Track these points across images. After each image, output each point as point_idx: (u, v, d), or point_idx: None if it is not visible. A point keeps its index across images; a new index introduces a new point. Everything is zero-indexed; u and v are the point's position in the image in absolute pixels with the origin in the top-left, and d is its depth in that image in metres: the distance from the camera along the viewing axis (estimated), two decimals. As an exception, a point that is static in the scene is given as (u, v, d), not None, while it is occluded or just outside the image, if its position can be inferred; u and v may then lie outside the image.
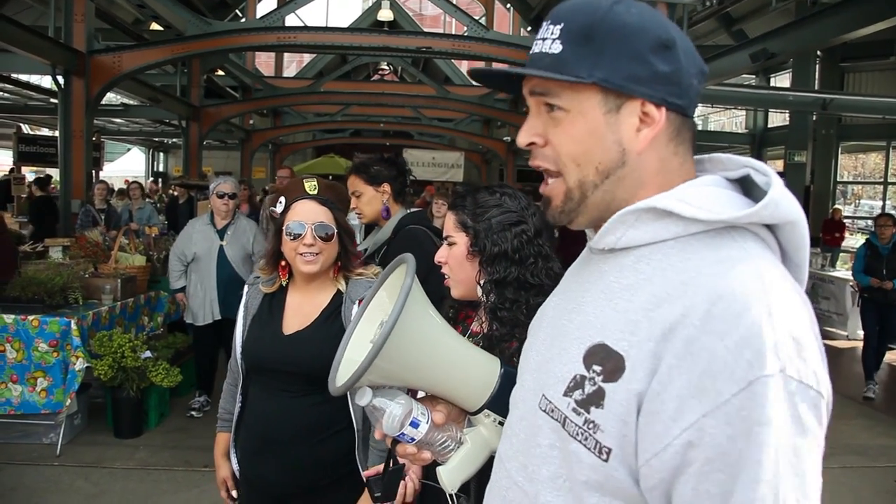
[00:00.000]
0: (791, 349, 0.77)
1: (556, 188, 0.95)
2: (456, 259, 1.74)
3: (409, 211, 3.07)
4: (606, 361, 0.85)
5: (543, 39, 0.93)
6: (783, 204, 0.86)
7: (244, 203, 7.78)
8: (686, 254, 0.87)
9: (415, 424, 1.16)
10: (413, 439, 1.17)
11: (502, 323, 1.62)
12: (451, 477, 1.21)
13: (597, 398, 0.85)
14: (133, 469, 4.48)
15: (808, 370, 0.77)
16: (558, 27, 0.91)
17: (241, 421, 2.21)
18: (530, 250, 1.68)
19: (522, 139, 0.97)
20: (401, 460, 1.32)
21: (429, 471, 1.36)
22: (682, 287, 0.83)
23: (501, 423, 1.18)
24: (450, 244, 1.76)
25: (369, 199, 3.02)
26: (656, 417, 0.79)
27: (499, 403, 1.19)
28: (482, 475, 1.21)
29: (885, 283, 6.75)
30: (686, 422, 0.77)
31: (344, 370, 1.20)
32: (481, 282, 1.69)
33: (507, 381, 1.19)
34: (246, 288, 2.31)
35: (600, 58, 0.88)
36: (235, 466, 2.24)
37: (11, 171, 15.37)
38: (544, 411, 0.94)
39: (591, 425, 0.85)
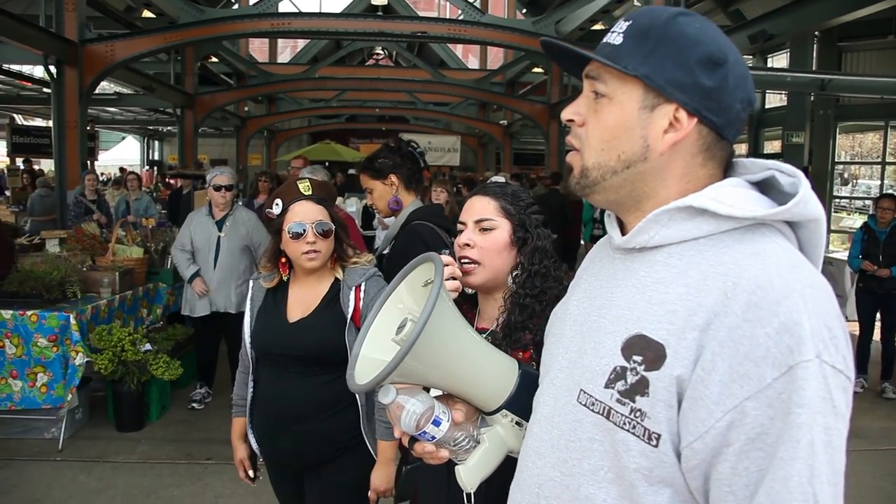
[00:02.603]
0: (826, 336, 0.82)
1: (576, 161, 1.03)
2: (495, 244, 1.71)
3: (421, 205, 2.98)
4: (646, 351, 0.90)
5: (612, 32, 1.00)
6: (811, 203, 0.92)
7: (263, 194, 7.77)
8: (719, 248, 0.92)
9: (437, 423, 1.16)
10: (433, 437, 1.18)
11: (523, 309, 1.66)
12: (470, 476, 1.21)
13: (641, 387, 0.89)
14: (136, 463, 4.48)
15: (839, 356, 0.83)
16: (627, 24, 0.99)
17: (255, 404, 2.39)
18: (552, 249, 1.77)
19: (566, 114, 1.04)
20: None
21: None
22: (721, 277, 0.88)
23: (518, 424, 1.21)
24: (485, 229, 1.72)
25: (380, 194, 2.94)
26: (700, 402, 0.84)
27: (516, 403, 1.20)
28: (493, 475, 1.23)
29: (879, 271, 6.25)
30: (728, 405, 0.82)
31: (362, 367, 1.20)
32: (515, 272, 1.71)
33: (525, 381, 1.21)
34: (251, 283, 2.46)
35: (650, 57, 0.95)
36: (255, 446, 2.42)
37: (29, 163, 15.24)
38: (584, 405, 0.97)
39: (637, 413, 0.89)
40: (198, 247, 5.26)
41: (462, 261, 1.70)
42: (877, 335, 6.57)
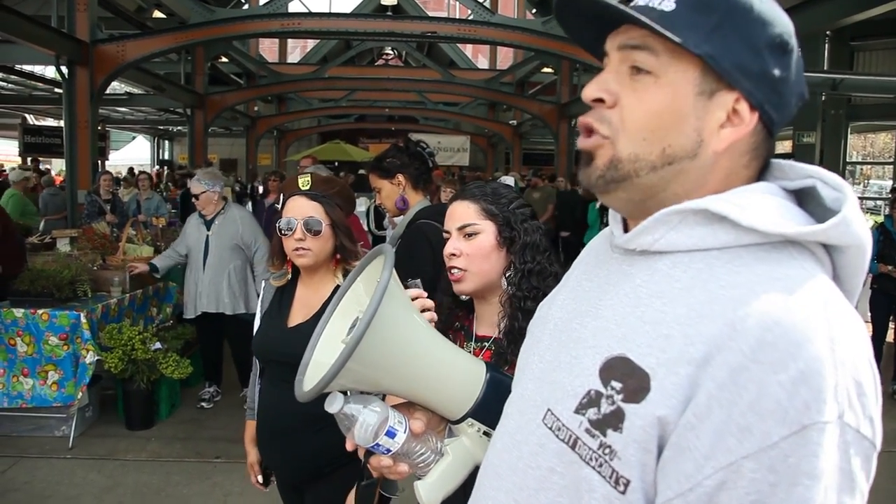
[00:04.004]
0: (852, 392, 0.68)
1: (603, 148, 0.83)
2: (482, 249, 1.64)
3: (428, 204, 2.99)
4: (628, 378, 0.75)
5: None
6: (853, 225, 0.75)
7: (273, 193, 7.84)
8: (735, 266, 0.76)
9: (391, 434, 1.06)
10: (389, 450, 1.07)
11: (526, 314, 1.56)
12: (430, 493, 1.10)
13: (615, 420, 0.75)
14: (145, 461, 4.50)
15: (865, 418, 0.69)
16: None
17: (258, 411, 2.32)
18: (545, 242, 1.69)
19: (590, 92, 0.83)
20: (374, 473, 1.20)
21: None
22: (731, 303, 0.72)
23: (487, 434, 1.10)
24: (470, 234, 1.65)
25: (388, 194, 2.96)
26: (687, 454, 0.70)
27: (484, 412, 1.09)
28: (466, 491, 1.10)
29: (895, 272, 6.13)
30: (722, 461, 0.67)
31: (313, 373, 1.09)
32: (508, 273, 1.64)
33: (494, 387, 1.10)
34: (263, 283, 2.40)
35: (715, 33, 0.77)
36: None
37: (35, 161, 15.33)
38: (549, 429, 0.83)
39: (606, 450, 0.75)
40: (190, 247, 5.26)
41: (451, 270, 1.65)
42: (890, 336, 6.52)
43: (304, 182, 2.23)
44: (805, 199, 0.83)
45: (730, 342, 0.69)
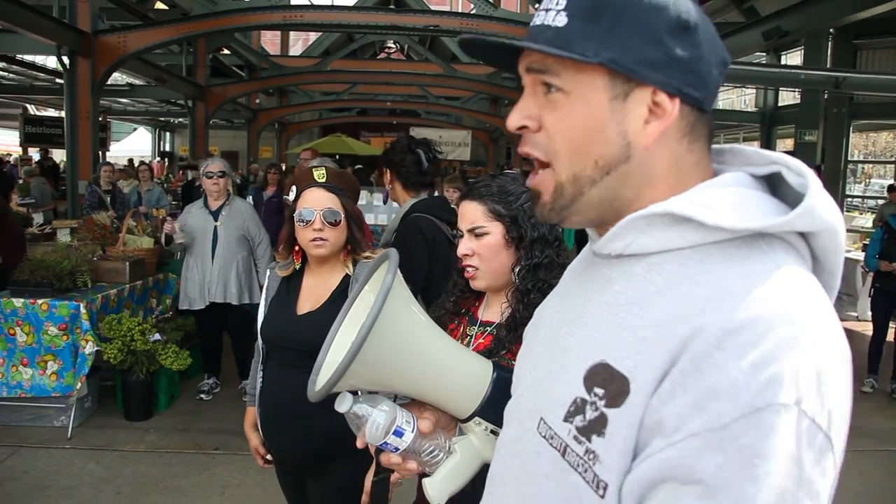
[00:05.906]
0: (812, 381, 0.66)
1: (546, 181, 0.85)
2: (491, 249, 1.71)
3: (422, 198, 3.02)
4: (609, 384, 0.76)
5: (547, 10, 0.82)
6: (819, 211, 0.75)
7: (272, 185, 7.84)
8: (706, 265, 0.76)
9: (399, 433, 1.09)
10: (397, 448, 1.11)
11: (526, 306, 1.63)
12: (437, 490, 1.14)
13: (598, 425, 0.76)
14: (144, 452, 4.50)
15: (823, 410, 0.66)
16: None
17: (261, 396, 2.36)
18: (556, 233, 1.74)
19: (513, 121, 0.86)
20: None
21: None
22: (702, 303, 0.72)
23: (494, 433, 1.12)
24: (478, 235, 1.72)
25: (386, 183, 3.05)
26: (652, 433, 0.71)
27: (491, 411, 1.12)
28: (475, 487, 1.13)
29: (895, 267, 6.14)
30: (675, 439, 0.68)
31: (325, 374, 1.13)
32: (517, 268, 1.70)
33: (501, 386, 1.12)
34: (268, 272, 2.45)
35: (610, 36, 0.78)
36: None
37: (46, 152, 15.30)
38: (543, 437, 0.84)
39: (591, 455, 0.76)
40: (195, 237, 5.21)
41: (466, 268, 1.73)
42: (890, 336, 6.55)
43: (319, 175, 2.29)
44: (777, 182, 0.83)
45: (697, 335, 0.69)
